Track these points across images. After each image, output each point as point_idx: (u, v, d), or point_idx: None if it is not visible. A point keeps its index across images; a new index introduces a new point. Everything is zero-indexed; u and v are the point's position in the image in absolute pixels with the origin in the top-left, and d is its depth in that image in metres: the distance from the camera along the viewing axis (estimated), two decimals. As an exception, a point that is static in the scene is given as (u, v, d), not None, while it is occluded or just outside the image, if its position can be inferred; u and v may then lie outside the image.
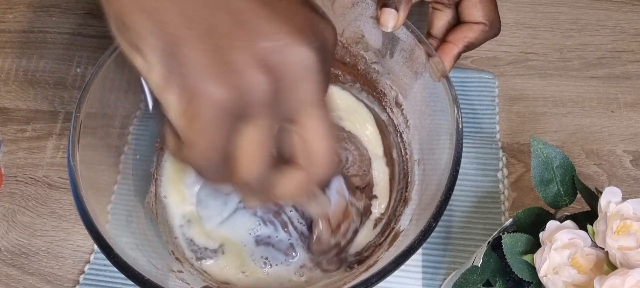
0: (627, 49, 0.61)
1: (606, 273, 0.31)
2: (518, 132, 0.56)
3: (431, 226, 0.37)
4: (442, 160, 0.41)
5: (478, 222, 0.51)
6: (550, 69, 0.60)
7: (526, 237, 0.35)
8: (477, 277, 0.36)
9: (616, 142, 0.56)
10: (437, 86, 0.44)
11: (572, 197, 0.38)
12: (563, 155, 0.38)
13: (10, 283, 0.50)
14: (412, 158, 0.50)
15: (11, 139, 0.57)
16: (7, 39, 0.64)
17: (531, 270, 0.34)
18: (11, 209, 0.54)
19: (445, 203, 0.38)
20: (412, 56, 0.46)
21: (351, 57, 0.52)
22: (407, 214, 0.46)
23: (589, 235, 0.33)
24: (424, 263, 0.49)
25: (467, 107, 0.57)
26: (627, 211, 0.33)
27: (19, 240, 0.52)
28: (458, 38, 0.46)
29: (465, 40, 0.46)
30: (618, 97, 0.58)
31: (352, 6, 0.47)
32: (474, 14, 0.46)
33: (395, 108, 0.52)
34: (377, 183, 0.51)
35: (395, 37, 0.47)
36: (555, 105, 0.58)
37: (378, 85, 0.53)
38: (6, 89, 0.60)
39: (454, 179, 0.39)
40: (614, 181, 0.53)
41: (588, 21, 0.63)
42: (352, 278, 0.44)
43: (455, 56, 0.46)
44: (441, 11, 0.48)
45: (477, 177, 0.53)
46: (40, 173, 0.55)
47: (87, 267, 0.50)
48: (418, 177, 0.48)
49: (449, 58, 0.46)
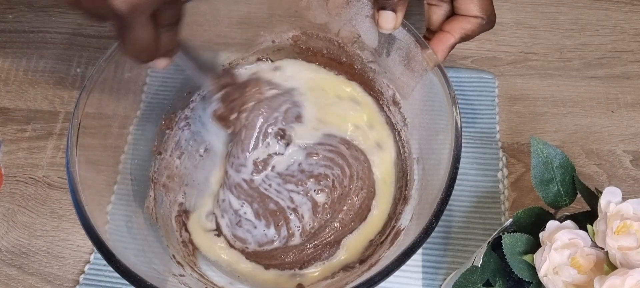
0: (627, 49, 0.61)
1: (606, 273, 0.31)
2: (518, 132, 0.56)
3: (432, 224, 0.37)
4: (442, 158, 0.41)
5: (478, 222, 0.51)
6: (550, 69, 0.60)
7: (526, 237, 0.35)
8: (477, 277, 0.36)
9: (616, 142, 0.56)
10: (435, 83, 0.44)
11: (572, 197, 0.38)
12: (563, 155, 0.38)
13: (10, 283, 0.50)
14: (410, 157, 0.50)
15: (11, 139, 0.57)
16: (7, 39, 0.64)
17: (531, 270, 0.34)
18: (11, 209, 0.54)
19: (446, 201, 0.38)
20: (409, 54, 0.46)
21: (347, 56, 0.52)
22: (408, 212, 0.46)
23: (589, 235, 0.33)
24: (424, 263, 0.49)
25: (467, 107, 0.57)
26: (627, 211, 0.33)
27: (19, 240, 0.52)
28: (455, 28, 0.46)
29: (462, 31, 0.46)
30: (618, 97, 0.58)
31: (347, 5, 0.47)
32: (470, 8, 0.46)
33: (393, 106, 0.52)
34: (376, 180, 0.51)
35: (392, 36, 0.47)
36: (555, 105, 0.58)
37: (375, 84, 0.53)
38: (6, 89, 0.61)
39: (454, 177, 0.39)
40: (614, 181, 0.53)
41: (588, 21, 0.63)
42: (354, 277, 0.44)
43: (450, 46, 0.46)
44: (437, 6, 0.48)
45: (477, 177, 0.53)
46: (40, 173, 0.55)
47: (87, 267, 0.50)
48: (418, 175, 0.48)
49: (444, 47, 0.46)
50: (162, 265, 0.44)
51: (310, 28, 0.52)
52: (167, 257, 0.45)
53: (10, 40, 0.64)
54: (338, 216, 0.49)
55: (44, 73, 0.61)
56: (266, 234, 0.49)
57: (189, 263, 0.47)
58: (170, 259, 0.45)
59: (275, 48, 0.54)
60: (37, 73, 0.61)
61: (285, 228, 0.48)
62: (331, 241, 0.48)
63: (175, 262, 0.45)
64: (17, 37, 0.64)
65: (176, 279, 0.43)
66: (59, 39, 0.64)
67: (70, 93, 0.60)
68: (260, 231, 0.49)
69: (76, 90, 0.60)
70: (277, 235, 0.48)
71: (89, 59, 0.62)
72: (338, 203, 0.49)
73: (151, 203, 0.49)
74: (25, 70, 0.62)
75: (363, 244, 0.48)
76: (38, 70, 0.62)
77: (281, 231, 0.49)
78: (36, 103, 0.60)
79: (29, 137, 0.57)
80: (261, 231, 0.49)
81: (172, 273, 0.43)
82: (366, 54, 0.51)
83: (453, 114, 0.41)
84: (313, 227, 0.49)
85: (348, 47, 0.52)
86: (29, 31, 0.64)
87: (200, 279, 0.45)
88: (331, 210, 0.49)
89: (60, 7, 0.66)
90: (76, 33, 0.64)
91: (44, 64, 0.62)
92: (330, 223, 0.49)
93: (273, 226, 0.49)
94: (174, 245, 0.48)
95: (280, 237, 0.48)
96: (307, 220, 0.49)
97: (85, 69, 0.61)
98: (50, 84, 0.61)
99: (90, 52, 0.62)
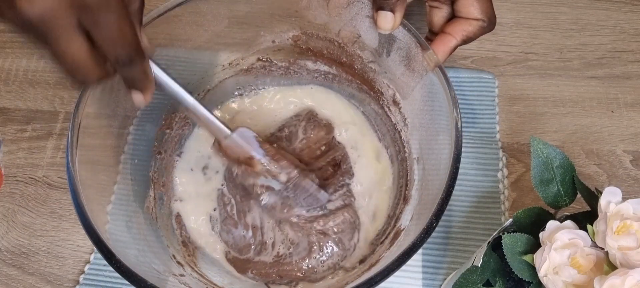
0: (627, 49, 0.61)
1: (606, 273, 0.31)
2: (518, 132, 0.56)
3: (432, 224, 0.37)
4: (442, 158, 0.41)
5: (478, 222, 0.51)
6: (550, 69, 0.60)
7: (526, 237, 0.35)
8: (477, 277, 0.36)
9: (616, 142, 0.56)
10: (435, 84, 0.44)
11: (572, 197, 0.38)
12: (563, 155, 0.38)
13: (10, 283, 0.50)
14: (411, 157, 0.50)
15: (11, 139, 0.57)
16: (7, 39, 0.64)
17: (531, 270, 0.34)
18: (11, 209, 0.54)
19: (446, 201, 0.38)
20: (409, 55, 0.46)
21: (347, 56, 0.52)
22: (408, 212, 0.46)
23: (589, 235, 0.33)
24: (424, 263, 0.49)
25: (467, 107, 0.57)
26: (627, 211, 0.33)
27: (19, 240, 0.52)
28: (457, 30, 0.46)
29: (464, 33, 0.46)
30: (618, 97, 0.58)
31: (347, 6, 0.47)
32: (471, 11, 0.46)
33: (393, 107, 0.52)
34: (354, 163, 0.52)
35: (392, 36, 0.47)
36: (555, 105, 0.58)
37: (375, 84, 0.53)
38: (6, 89, 0.60)
39: (454, 177, 0.39)
40: (614, 181, 0.53)
41: (588, 21, 0.63)
42: (355, 277, 0.44)
43: (452, 48, 0.46)
44: (438, 8, 0.48)
45: (477, 177, 0.53)
46: (40, 173, 0.55)
47: (87, 267, 0.50)
48: (418, 175, 0.48)
49: (446, 49, 0.46)
50: (162, 265, 0.44)
51: (310, 28, 0.52)
52: (167, 257, 0.45)
53: (10, 40, 0.64)
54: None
55: (44, 73, 0.61)
56: (244, 236, 0.49)
57: (189, 263, 0.47)
58: (170, 259, 0.45)
59: (275, 48, 0.54)
60: (37, 73, 0.61)
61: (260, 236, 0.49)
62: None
63: (175, 262, 0.45)
64: (17, 37, 0.64)
65: (176, 279, 0.43)
66: (59, 39, 0.64)
67: (70, 93, 0.60)
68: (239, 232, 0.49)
69: (76, 90, 0.60)
70: (253, 240, 0.49)
71: (89, 59, 0.62)
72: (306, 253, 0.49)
73: (151, 203, 0.49)
74: (25, 70, 0.62)
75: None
76: (38, 70, 0.62)
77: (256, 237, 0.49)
78: (36, 103, 0.59)
79: (29, 137, 0.57)
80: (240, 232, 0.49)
81: (172, 273, 0.43)
82: (366, 54, 0.51)
83: (453, 114, 0.41)
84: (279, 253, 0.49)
85: (348, 47, 0.51)
86: (29, 31, 0.64)
87: (200, 279, 0.45)
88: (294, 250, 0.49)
89: (60, 7, 0.66)
90: (76, 33, 0.64)
91: (44, 64, 0.62)
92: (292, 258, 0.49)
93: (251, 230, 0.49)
94: (174, 245, 0.48)
95: (255, 242, 0.49)
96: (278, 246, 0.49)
97: (85, 69, 0.61)
98: (50, 84, 0.61)
99: (90, 52, 0.62)
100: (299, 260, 0.48)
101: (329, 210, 0.49)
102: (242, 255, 0.49)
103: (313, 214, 0.49)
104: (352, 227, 0.49)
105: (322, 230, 0.48)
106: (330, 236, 0.48)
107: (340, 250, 0.48)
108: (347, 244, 0.48)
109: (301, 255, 0.48)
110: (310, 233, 0.48)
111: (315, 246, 0.48)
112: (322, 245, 0.48)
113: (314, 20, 0.51)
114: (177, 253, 0.47)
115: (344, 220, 0.49)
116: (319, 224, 0.48)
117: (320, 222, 0.48)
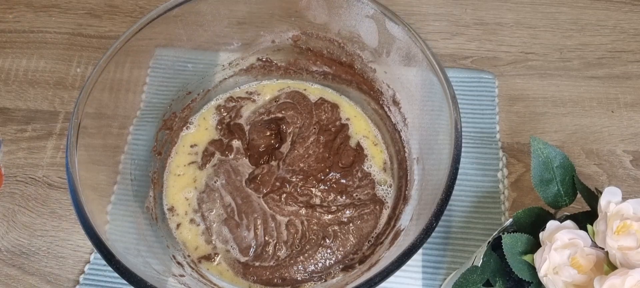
0: (627, 49, 0.61)
1: (606, 273, 0.31)
2: (518, 132, 0.56)
3: (432, 224, 0.37)
4: (442, 158, 0.41)
5: (478, 222, 0.51)
6: (550, 69, 0.60)
7: (526, 237, 0.35)
8: (477, 277, 0.36)
9: (616, 142, 0.56)
10: (435, 84, 0.44)
11: (572, 197, 0.38)
12: (563, 155, 0.38)
13: (10, 283, 0.50)
14: (410, 157, 0.50)
15: (11, 139, 0.57)
16: (7, 39, 0.64)
17: (531, 270, 0.34)
18: (11, 209, 0.54)
19: (446, 201, 0.38)
20: (409, 54, 0.46)
21: (347, 56, 0.52)
22: (408, 213, 0.46)
23: (589, 235, 0.33)
24: (424, 263, 0.49)
25: (467, 107, 0.57)
26: (627, 211, 0.33)
27: (19, 240, 0.52)
28: None
29: None
30: (618, 97, 0.58)
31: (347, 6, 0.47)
32: None
33: (393, 106, 0.52)
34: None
35: (392, 36, 0.47)
36: (555, 105, 0.58)
37: (375, 84, 0.53)
38: (6, 89, 0.61)
39: (454, 177, 0.39)
40: (614, 181, 0.53)
41: (588, 21, 0.63)
42: (355, 277, 0.44)
43: None
44: None
45: (477, 177, 0.53)
46: (40, 174, 0.55)
47: (87, 267, 0.50)
48: (418, 175, 0.48)
49: None
50: (162, 265, 0.44)
51: (310, 28, 0.52)
52: (167, 257, 0.46)
53: (10, 40, 0.64)
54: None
55: (44, 73, 0.61)
56: (245, 238, 0.49)
57: (189, 263, 0.47)
58: (170, 259, 0.45)
59: (275, 48, 0.54)
60: (37, 73, 0.61)
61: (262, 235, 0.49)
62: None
63: (175, 262, 0.45)
64: (17, 37, 0.64)
65: (176, 279, 0.43)
66: (59, 39, 0.64)
67: (70, 93, 0.60)
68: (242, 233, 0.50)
69: (76, 90, 0.60)
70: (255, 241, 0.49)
71: (89, 59, 0.62)
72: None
73: (151, 203, 0.49)
74: (25, 70, 0.62)
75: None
76: (38, 70, 0.62)
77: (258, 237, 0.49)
78: (36, 103, 0.60)
79: (29, 137, 0.57)
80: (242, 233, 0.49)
81: (172, 273, 0.43)
82: (366, 54, 0.51)
83: (453, 114, 0.41)
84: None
85: (348, 46, 0.52)
86: (29, 31, 0.64)
87: (200, 279, 0.45)
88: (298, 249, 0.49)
89: (60, 7, 0.66)
90: (76, 33, 0.64)
91: (44, 64, 0.62)
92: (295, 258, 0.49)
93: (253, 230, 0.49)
94: (174, 245, 0.48)
95: (257, 242, 0.49)
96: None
97: (85, 69, 0.61)
98: (50, 84, 0.61)
99: (90, 52, 0.62)
100: (300, 261, 0.48)
101: (358, 199, 0.50)
102: (243, 256, 0.49)
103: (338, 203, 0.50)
104: (375, 217, 0.50)
105: (342, 220, 0.49)
106: (348, 225, 0.49)
107: (355, 240, 0.49)
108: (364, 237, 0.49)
109: (302, 256, 0.48)
110: (317, 230, 0.49)
111: (320, 245, 0.48)
112: (326, 244, 0.48)
113: (314, 20, 0.51)
114: (177, 254, 0.47)
115: (369, 212, 0.50)
116: (344, 215, 0.49)
117: (346, 213, 0.49)
